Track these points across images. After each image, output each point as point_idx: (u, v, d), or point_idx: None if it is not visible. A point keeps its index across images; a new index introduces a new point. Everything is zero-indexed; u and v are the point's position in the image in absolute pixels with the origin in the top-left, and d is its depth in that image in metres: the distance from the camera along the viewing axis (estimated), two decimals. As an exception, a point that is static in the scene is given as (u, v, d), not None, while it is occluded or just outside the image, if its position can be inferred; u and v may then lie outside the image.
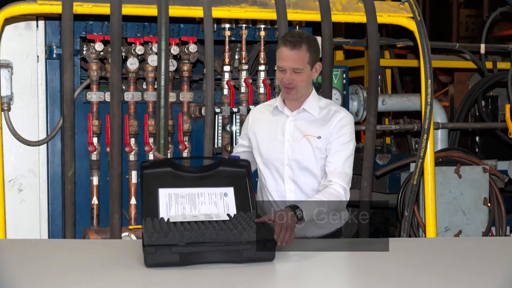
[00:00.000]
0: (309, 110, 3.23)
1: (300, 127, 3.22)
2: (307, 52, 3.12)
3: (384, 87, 6.55)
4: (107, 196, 3.91)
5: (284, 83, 3.14)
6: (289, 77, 3.12)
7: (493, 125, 5.85)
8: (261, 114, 3.36)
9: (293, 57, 3.10)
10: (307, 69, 3.15)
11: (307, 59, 3.13)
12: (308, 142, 3.19)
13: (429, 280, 2.47)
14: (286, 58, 3.11)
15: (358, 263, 2.76)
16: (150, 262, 2.56)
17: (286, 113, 3.26)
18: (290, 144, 3.21)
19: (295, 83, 3.13)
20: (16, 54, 4.09)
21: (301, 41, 3.11)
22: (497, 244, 3.34)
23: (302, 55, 3.11)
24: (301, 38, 3.12)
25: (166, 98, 3.91)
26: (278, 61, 3.15)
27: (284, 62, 3.12)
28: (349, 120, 3.23)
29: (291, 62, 3.10)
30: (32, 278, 2.47)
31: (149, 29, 4.20)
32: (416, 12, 4.23)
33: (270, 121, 3.30)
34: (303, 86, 3.17)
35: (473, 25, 9.09)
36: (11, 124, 4.02)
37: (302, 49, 3.11)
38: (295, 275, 2.57)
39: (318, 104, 3.24)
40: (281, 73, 3.15)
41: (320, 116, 3.22)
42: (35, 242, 3.51)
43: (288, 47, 3.10)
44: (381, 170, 5.06)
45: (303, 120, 3.23)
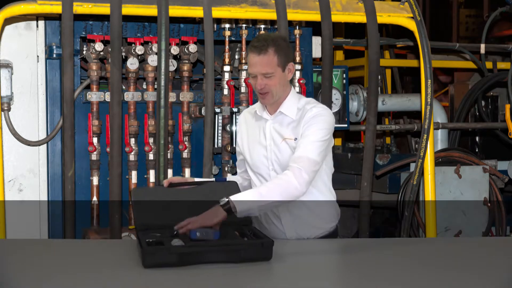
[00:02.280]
0: (285, 112, 3.18)
1: (279, 131, 3.19)
2: (274, 55, 3.07)
3: (384, 87, 6.55)
4: (107, 196, 3.91)
5: (257, 89, 3.12)
6: (260, 82, 3.08)
7: (493, 125, 5.84)
8: (246, 119, 3.35)
9: (261, 62, 3.06)
10: (278, 72, 3.10)
11: (276, 62, 3.08)
12: (287, 145, 3.15)
13: (429, 280, 2.47)
14: (254, 64, 3.08)
15: (358, 263, 2.76)
16: (149, 263, 2.55)
17: (265, 117, 3.23)
18: (271, 148, 3.19)
19: (268, 87, 3.09)
20: (16, 54, 4.09)
21: (267, 45, 3.07)
22: (497, 244, 3.34)
23: (270, 58, 3.07)
24: (267, 41, 3.08)
25: (166, 98, 3.91)
26: (248, 68, 3.15)
27: (253, 68, 3.09)
28: (324, 113, 3.13)
29: (260, 67, 3.07)
30: (32, 278, 2.47)
31: (149, 29, 4.20)
32: (416, 12, 4.23)
33: (253, 126, 3.28)
34: (277, 89, 3.12)
35: (473, 25, 9.08)
36: (11, 124, 4.02)
37: (268, 53, 3.06)
38: (292, 275, 2.57)
39: (296, 106, 3.18)
40: (253, 79, 3.12)
41: (297, 117, 3.17)
42: (35, 242, 3.51)
43: (255, 52, 3.07)
44: (381, 170, 5.06)
45: (280, 123, 3.19)
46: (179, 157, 4.21)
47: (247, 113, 3.38)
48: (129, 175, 4.11)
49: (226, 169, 4.23)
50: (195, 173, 4.21)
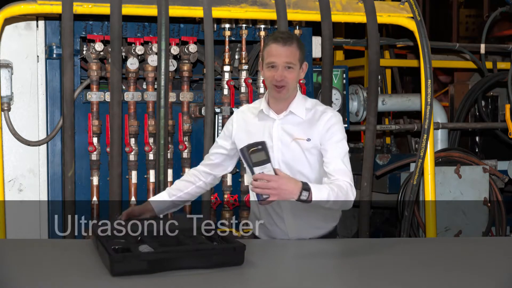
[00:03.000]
0: (296, 112, 3.16)
1: (289, 131, 3.15)
2: (297, 50, 3.09)
3: (384, 87, 6.55)
4: (107, 196, 3.91)
5: (275, 80, 3.07)
6: (281, 73, 3.06)
7: (493, 125, 5.84)
8: (246, 117, 3.26)
9: (286, 52, 3.06)
10: (297, 67, 3.10)
11: (298, 56, 3.09)
12: (298, 145, 3.13)
13: (429, 280, 2.47)
14: (278, 54, 3.05)
15: (357, 263, 2.75)
16: (117, 271, 2.44)
17: (272, 116, 3.17)
18: (279, 148, 3.15)
19: (286, 80, 3.07)
20: (16, 54, 4.09)
21: (292, 38, 3.10)
22: (497, 244, 3.34)
23: (294, 51, 3.08)
24: (291, 35, 3.12)
25: (166, 98, 3.91)
26: (268, 58, 3.08)
27: (276, 58, 3.06)
28: (337, 119, 3.16)
29: (284, 57, 3.05)
30: (32, 278, 2.46)
31: (149, 29, 4.20)
32: (416, 12, 4.23)
33: (256, 125, 3.21)
34: (293, 85, 3.12)
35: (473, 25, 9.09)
36: (11, 124, 4.02)
37: (293, 45, 3.08)
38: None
39: (304, 106, 3.17)
40: (272, 70, 3.07)
41: (307, 118, 3.16)
42: (35, 242, 3.51)
43: (280, 43, 3.06)
44: (381, 170, 5.06)
45: (291, 123, 3.16)
46: (179, 157, 4.21)
47: (247, 111, 3.30)
48: (129, 175, 4.11)
49: (226, 169, 4.23)
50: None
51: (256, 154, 2.84)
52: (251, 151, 2.84)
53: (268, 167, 2.84)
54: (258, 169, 2.83)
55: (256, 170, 2.83)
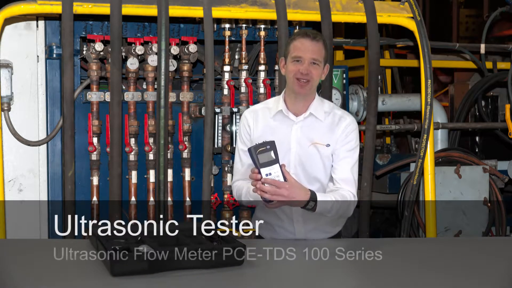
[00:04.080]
0: (316, 114, 3.10)
1: (308, 134, 3.09)
2: (324, 48, 3.08)
3: (384, 87, 6.55)
4: (107, 196, 3.91)
5: (300, 74, 3.01)
6: (307, 67, 3.02)
7: (493, 125, 5.84)
8: (259, 118, 3.16)
9: (313, 47, 3.04)
10: (321, 66, 3.07)
11: (323, 54, 3.08)
12: (316, 150, 3.08)
13: (429, 280, 2.47)
14: (306, 48, 3.03)
15: (357, 263, 2.75)
16: (117, 271, 2.45)
17: (292, 118, 3.11)
18: (296, 151, 3.09)
19: (311, 76, 3.02)
20: (16, 54, 4.09)
21: (320, 36, 3.09)
22: (497, 244, 3.34)
23: (321, 48, 3.06)
24: (319, 34, 3.11)
25: (166, 98, 3.91)
26: (295, 52, 3.04)
27: (303, 52, 3.02)
28: (355, 126, 3.14)
29: (311, 52, 3.03)
30: (32, 278, 2.46)
31: (149, 29, 4.20)
32: (416, 12, 4.23)
33: (272, 126, 3.12)
34: (315, 83, 3.08)
35: (473, 25, 9.09)
36: (11, 124, 4.02)
37: (320, 43, 3.07)
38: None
39: (322, 108, 3.12)
40: (297, 64, 3.03)
41: (327, 122, 3.11)
42: (35, 242, 3.51)
43: (309, 38, 3.04)
44: (381, 170, 5.06)
45: (310, 126, 3.10)
46: (179, 157, 4.21)
47: (260, 111, 3.17)
48: (129, 175, 4.11)
49: (226, 169, 4.24)
50: (195, 173, 4.22)
51: (264, 154, 2.84)
52: (259, 151, 2.84)
53: (276, 168, 2.84)
54: (265, 170, 2.84)
55: (263, 171, 2.83)
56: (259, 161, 2.83)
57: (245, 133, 3.18)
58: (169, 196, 4.04)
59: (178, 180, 4.19)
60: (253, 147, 2.86)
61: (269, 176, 2.86)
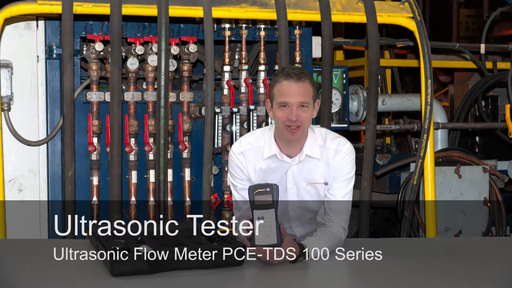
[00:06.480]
0: (311, 154, 2.97)
1: (305, 176, 2.99)
2: (311, 86, 2.88)
3: (384, 87, 6.55)
4: (107, 196, 3.91)
5: (290, 121, 2.85)
6: (296, 113, 2.83)
7: (493, 125, 5.84)
8: (250, 160, 3.01)
9: (299, 90, 2.84)
10: (311, 106, 2.88)
11: (312, 93, 2.88)
12: (314, 189, 3.01)
13: (429, 280, 2.47)
14: (292, 92, 2.83)
15: (357, 263, 2.75)
16: (117, 271, 2.45)
17: (286, 160, 2.98)
18: (294, 193, 3.02)
19: (301, 121, 2.85)
20: (16, 54, 4.09)
21: (304, 74, 2.88)
22: (497, 244, 3.34)
23: (308, 87, 2.86)
24: (303, 71, 2.91)
25: (166, 98, 3.91)
26: (280, 97, 2.85)
27: (290, 97, 2.83)
28: (351, 155, 2.99)
29: (298, 96, 2.83)
30: (32, 278, 2.46)
31: (149, 29, 4.20)
32: (416, 12, 4.23)
33: (265, 169, 3.00)
34: (307, 125, 2.91)
35: (473, 25, 9.09)
36: (11, 124, 4.02)
37: (306, 82, 2.87)
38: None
39: (317, 143, 2.97)
40: (285, 110, 2.85)
41: (323, 158, 2.98)
42: (35, 242, 3.51)
43: (293, 79, 2.84)
44: (381, 170, 5.06)
45: (307, 167, 2.98)
46: (179, 157, 4.21)
47: (250, 151, 3.02)
48: (129, 175, 4.11)
49: (226, 169, 4.23)
50: (195, 173, 4.22)
51: (261, 196, 2.70)
52: (257, 192, 2.70)
53: (270, 214, 2.67)
54: (258, 212, 2.68)
55: (255, 214, 2.68)
56: (254, 202, 2.69)
57: (238, 172, 3.05)
58: (169, 196, 4.04)
59: (178, 180, 4.19)
60: (252, 186, 2.72)
61: (261, 220, 2.68)
